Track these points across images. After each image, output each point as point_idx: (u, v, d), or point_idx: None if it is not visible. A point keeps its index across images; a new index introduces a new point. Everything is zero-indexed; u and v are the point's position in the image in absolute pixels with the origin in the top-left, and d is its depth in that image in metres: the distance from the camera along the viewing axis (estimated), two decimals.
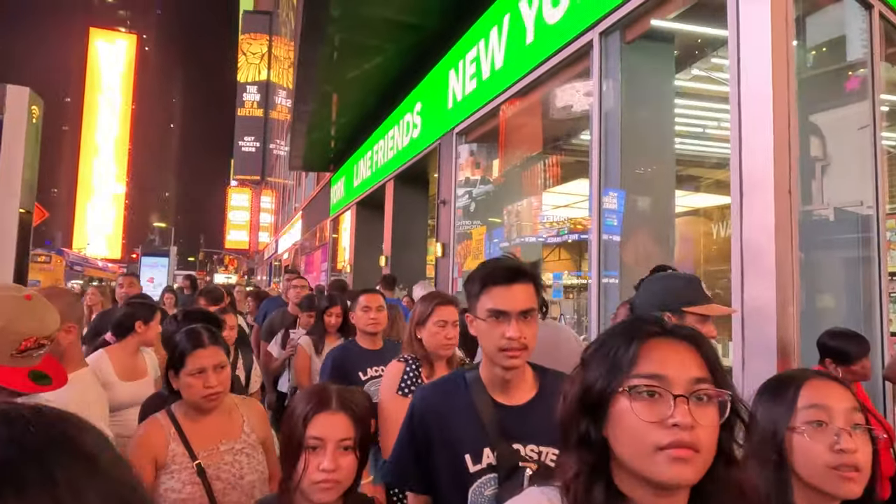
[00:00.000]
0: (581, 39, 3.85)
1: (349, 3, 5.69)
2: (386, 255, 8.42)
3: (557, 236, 7.02)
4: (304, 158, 12.66)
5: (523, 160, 6.28)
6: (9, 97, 2.96)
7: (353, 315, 2.83)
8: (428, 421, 1.39)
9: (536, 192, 6.22)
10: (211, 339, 1.72)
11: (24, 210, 3.04)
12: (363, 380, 2.69)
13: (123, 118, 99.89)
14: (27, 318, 1.16)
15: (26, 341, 1.14)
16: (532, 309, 1.32)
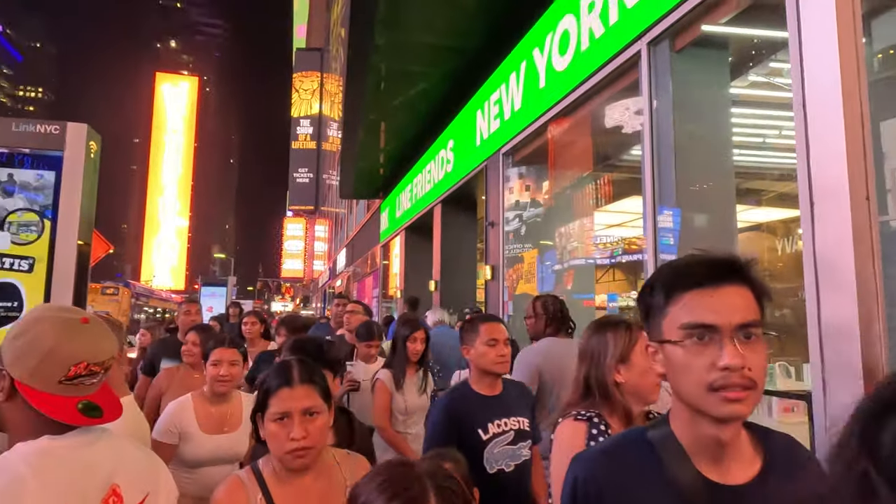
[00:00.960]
0: (628, 51, 3.73)
1: (393, 31, 5.76)
2: (435, 279, 8.36)
3: (612, 257, 6.78)
4: (353, 187, 12.88)
5: (573, 180, 6.13)
6: (69, 134, 3.09)
7: (469, 351, 2.20)
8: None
9: (588, 212, 6.05)
10: (304, 375, 1.39)
11: (83, 242, 3.14)
12: (485, 439, 2.09)
13: (186, 156, 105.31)
14: (79, 341, 1.08)
15: (76, 367, 1.06)
16: (755, 323, 0.87)
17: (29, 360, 1.06)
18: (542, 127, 5.22)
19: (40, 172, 3.06)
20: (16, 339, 1.08)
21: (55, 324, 1.10)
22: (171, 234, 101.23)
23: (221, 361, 2.37)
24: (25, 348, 1.06)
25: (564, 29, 4.52)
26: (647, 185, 3.54)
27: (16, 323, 1.13)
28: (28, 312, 1.16)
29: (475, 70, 6.42)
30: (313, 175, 41.31)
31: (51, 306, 1.18)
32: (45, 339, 1.07)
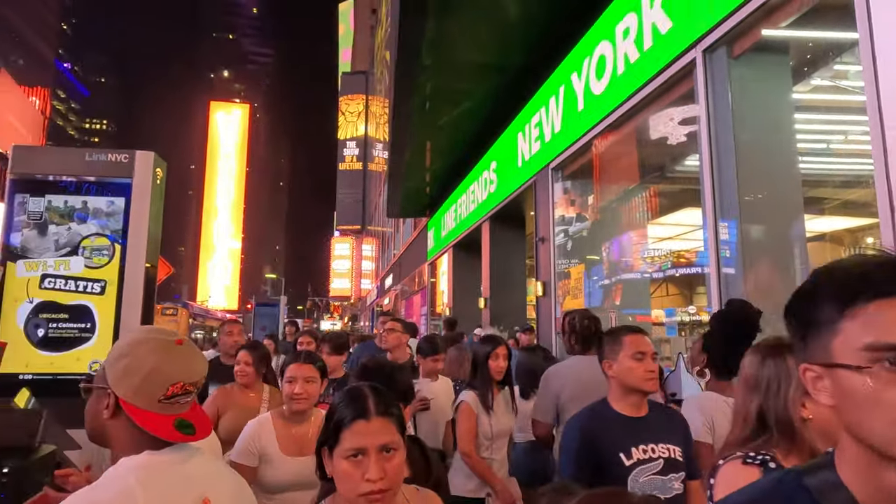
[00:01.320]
0: (682, 59, 3.65)
1: (439, 50, 5.83)
2: (485, 296, 8.32)
3: (660, 271, 6.62)
4: (400, 206, 13.02)
5: (621, 193, 6.02)
6: (137, 161, 3.24)
7: (611, 366, 2.02)
8: None
9: (636, 225, 5.92)
10: (380, 406, 1.21)
11: (150, 264, 3.26)
12: (627, 465, 1.87)
13: (239, 180, 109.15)
14: (176, 362, 1.14)
15: (173, 386, 1.12)
16: None
17: (132, 379, 1.11)
18: (591, 140, 5.16)
19: (111, 199, 3.21)
20: (119, 360, 1.14)
21: (155, 346, 1.15)
22: (225, 255, 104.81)
23: (296, 378, 2.24)
24: (128, 369, 1.12)
25: (614, 42, 4.47)
26: (707, 195, 3.43)
27: (117, 344, 1.18)
28: (127, 335, 1.21)
29: (520, 86, 6.42)
30: (360, 195, 42.06)
31: (149, 329, 1.23)
32: (146, 361, 1.13)
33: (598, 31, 4.75)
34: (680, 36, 3.63)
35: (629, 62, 4.22)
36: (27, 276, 3.09)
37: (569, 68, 5.31)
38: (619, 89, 4.45)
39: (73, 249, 3.14)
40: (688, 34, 3.56)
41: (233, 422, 2.63)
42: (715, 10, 3.29)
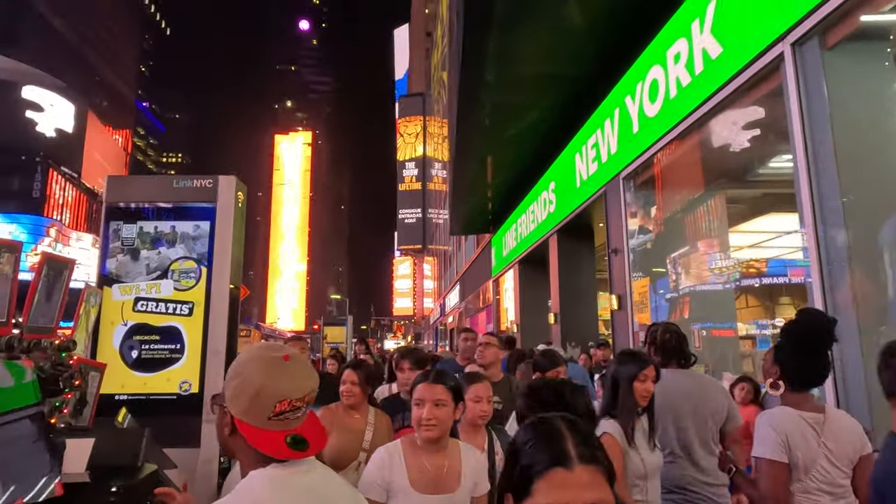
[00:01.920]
0: (767, 55, 3.45)
1: (503, 64, 5.80)
2: (555, 311, 8.13)
3: (735, 282, 6.26)
4: (463, 222, 13.02)
5: (692, 201, 5.76)
6: (220, 186, 3.34)
7: None
8: None
9: (711, 234, 5.63)
10: (585, 450, 0.87)
11: (233, 286, 3.34)
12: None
13: (303, 205, 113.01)
14: (283, 379, 1.13)
15: (280, 404, 1.11)
16: None
17: (242, 399, 1.12)
18: (664, 146, 4.96)
19: (197, 223, 3.33)
20: (231, 379, 1.16)
21: (261, 364, 1.15)
22: (292, 278, 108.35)
23: (424, 401, 1.94)
24: (239, 388, 1.13)
25: (691, 42, 4.28)
26: (805, 200, 3.18)
27: (232, 364, 1.20)
28: (241, 353, 1.22)
29: (587, 95, 6.29)
30: (420, 215, 42.53)
31: (260, 346, 1.22)
32: (254, 379, 1.13)
33: (669, 32, 4.59)
34: (764, 30, 3.43)
35: (708, 58, 4.03)
36: (122, 299, 3.22)
37: (638, 74, 5.15)
38: (696, 91, 4.26)
39: (162, 273, 3.26)
40: (773, 27, 3.36)
41: (337, 443, 2.53)
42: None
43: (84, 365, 2.21)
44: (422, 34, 56.05)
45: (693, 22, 4.24)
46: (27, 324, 1.93)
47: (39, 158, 44.43)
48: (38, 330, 1.98)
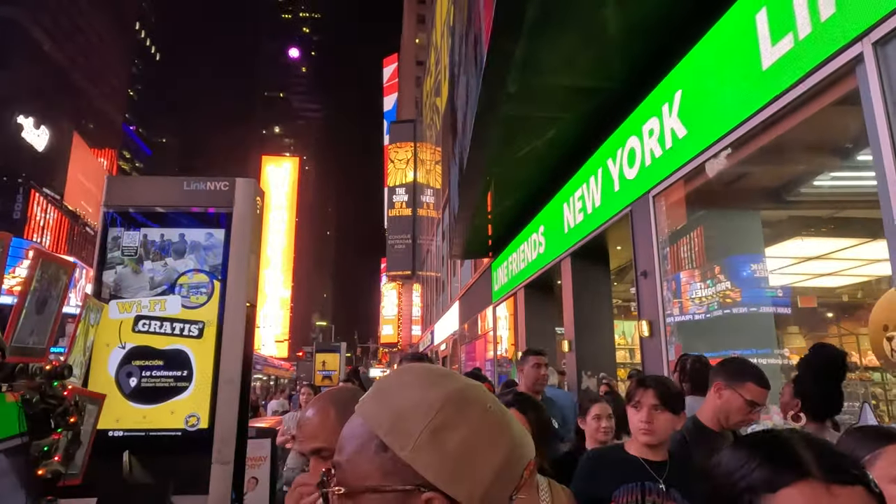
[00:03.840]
0: (841, 56, 3.15)
1: (527, 75, 5.50)
2: (569, 339, 7.71)
3: (706, 313, 5.95)
4: (465, 246, 12.63)
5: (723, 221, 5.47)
6: (237, 189, 2.93)
7: None
8: None
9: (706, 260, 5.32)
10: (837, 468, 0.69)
11: (250, 304, 2.91)
12: None
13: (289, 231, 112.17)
14: (518, 429, 0.69)
15: (527, 471, 0.69)
16: None
17: (481, 471, 0.64)
18: (703, 163, 4.65)
19: (210, 231, 2.90)
20: (439, 433, 0.64)
21: (483, 405, 0.68)
22: (276, 304, 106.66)
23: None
24: (471, 451, 0.64)
25: (756, 41, 3.99)
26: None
27: (404, 404, 0.67)
28: (409, 381, 0.71)
29: (612, 111, 6.01)
30: (410, 241, 42.15)
31: (443, 372, 0.72)
32: (494, 434, 0.66)
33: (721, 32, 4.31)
34: (840, 28, 3.15)
35: (759, 67, 3.73)
36: (120, 318, 2.76)
37: (668, 88, 4.87)
38: (740, 105, 3.96)
39: (169, 288, 2.81)
40: (852, 25, 3.07)
41: None
42: None
43: (80, 396, 1.76)
44: (412, 62, 56.60)
45: None
46: (11, 343, 1.49)
47: (21, 179, 43.56)
48: (27, 351, 1.53)
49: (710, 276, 5.30)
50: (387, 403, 0.68)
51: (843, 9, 3.14)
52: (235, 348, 2.77)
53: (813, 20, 3.35)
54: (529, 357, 3.74)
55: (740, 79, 4.02)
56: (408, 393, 0.68)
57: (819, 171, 4.93)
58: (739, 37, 4.03)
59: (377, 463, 0.65)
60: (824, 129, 4.10)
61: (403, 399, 0.67)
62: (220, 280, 2.84)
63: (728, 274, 5.31)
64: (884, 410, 6.75)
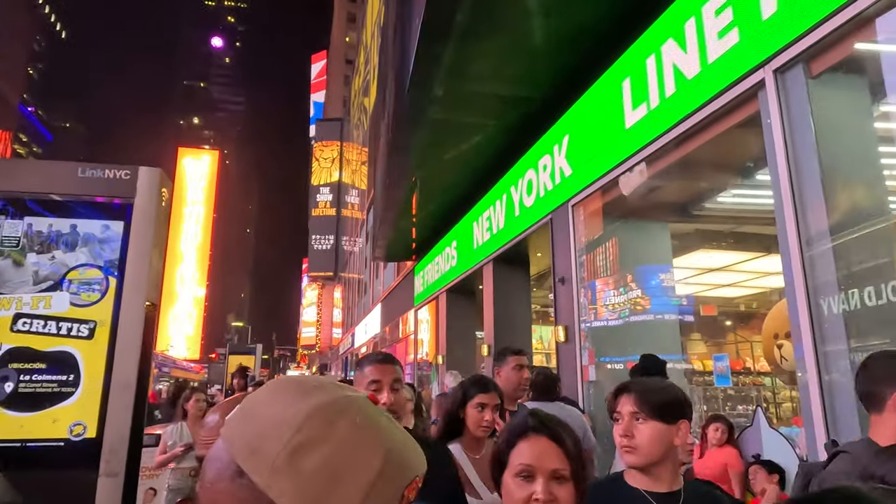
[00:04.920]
0: (748, 80, 3.36)
1: (454, 81, 5.51)
2: (488, 343, 7.80)
3: (619, 319, 6.30)
4: (388, 248, 12.52)
5: (636, 233, 5.71)
6: (140, 179, 2.72)
7: None
8: None
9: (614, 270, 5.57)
10: None
11: (150, 303, 2.70)
12: None
13: (205, 227, 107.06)
14: (404, 441, 0.62)
15: (409, 488, 0.60)
16: None
17: (346, 494, 0.56)
18: (620, 175, 4.83)
19: (106, 223, 2.66)
20: (302, 453, 0.56)
21: (360, 415, 0.61)
22: (189, 303, 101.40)
23: None
24: (334, 471, 0.56)
25: (662, 63, 4.18)
26: (791, 237, 3.05)
27: (267, 420, 0.59)
28: (279, 397, 0.62)
29: (537, 120, 6.13)
30: (333, 241, 41.39)
31: (318, 382, 0.64)
32: (363, 452, 0.58)
33: (638, 50, 4.49)
34: (746, 54, 3.35)
35: (684, 82, 3.92)
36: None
37: (597, 96, 5.04)
38: (663, 116, 4.15)
39: (55, 283, 2.56)
40: (756, 51, 3.28)
41: None
42: (793, 24, 3.02)
43: None
44: (341, 61, 55.79)
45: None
46: None
47: None
48: None
49: (623, 283, 5.51)
50: (249, 422, 0.60)
51: (734, 51, 3.35)
52: (132, 351, 2.56)
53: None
54: (509, 357, 3.19)
55: (661, 91, 4.22)
56: (271, 410, 0.60)
57: (722, 189, 5.24)
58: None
59: (232, 491, 0.57)
60: (727, 150, 4.37)
61: (266, 417, 0.59)
62: (117, 276, 2.62)
63: (639, 282, 5.54)
64: (773, 412, 7.28)
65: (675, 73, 4.00)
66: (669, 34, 4.05)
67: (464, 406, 2.40)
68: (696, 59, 3.77)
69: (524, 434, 1.31)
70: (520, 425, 1.34)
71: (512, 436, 1.32)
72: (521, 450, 1.28)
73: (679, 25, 3.94)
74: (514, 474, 1.27)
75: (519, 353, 3.23)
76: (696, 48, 3.78)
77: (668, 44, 4.06)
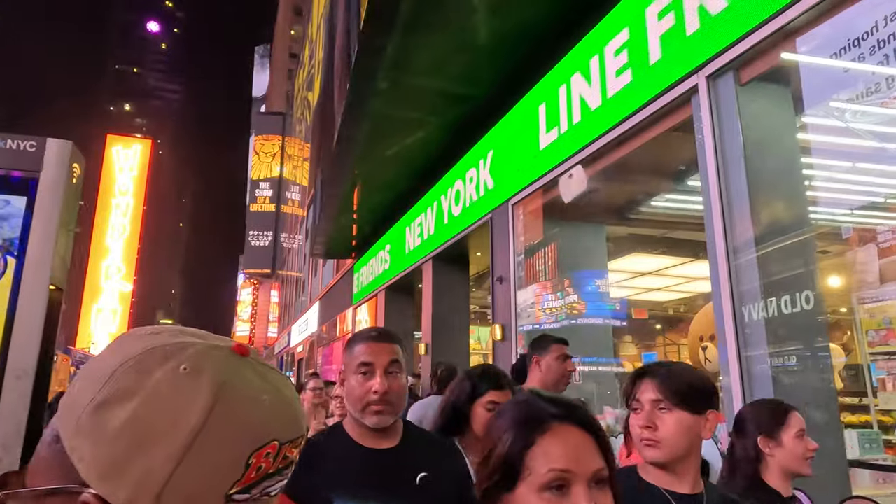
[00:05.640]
0: (682, 85, 3.46)
1: (398, 74, 5.44)
2: (426, 342, 7.74)
3: (556, 322, 6.44)
4: (327, 245, 12.26)
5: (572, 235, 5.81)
6: (48, 152, 2.49)
7: None
8: None
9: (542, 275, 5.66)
10: None
11: (55, 287, 2.48)
12: None
13: (134, 219, 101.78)
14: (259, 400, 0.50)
15: (259, 455, 0.48)
16: None
17: (153, 460, 0.45)
18: (559, 176, 4.89)
19: (6, 198, 2.43)
20: (104, 409, 0.47)
21: (195, 365, 0.49)
22: (114, 298, 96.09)
23: None
24: (140, 433, 0.46)
25: (588, 74, 4.25)
26: (719, 243, 3.15)
27: (91, 367, 0.51)
28: (116, 345, 0.53)
29: (479, 119, 6.14)
30: (271, 238, 40.28)
31: (160, 330, 0.54)
32: (184, 405, 0.47)
33: (583, 50, 4.55)
34: (680, 60, 3.45)
35: (622, 87, 4.00)
36: None
37: (538, 98, 5.09)
38: (600, 118, 4.22)
39: None
40: (689, 58, 3.38)
41: None
42: (724, 32, 3.13)
43: None
44: (285, 54, 54.47)
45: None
46: None
47: None
48: None
49: (560, 288, 5.58)
50: (78, 378, 0.51)
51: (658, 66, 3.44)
52: (31, 338, 2.34)
53: None
54: (551, 345, 2.83)
55: (603, 94, 4.29)
56: (96, 363, 0.51)
57: (656, 193, 5.40)
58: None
59: (46, 457, 0.49)
60: (662, 155, 4.51)
61: (89, 370, 0.50)
62: (16, 257, 2.39)
63: (576, 287, 5.63)
64: None
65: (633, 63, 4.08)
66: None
67: (471, 402, 2.13)
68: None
69: (545, 424, 0.89)
70: (536, 413, 0.91)
71: (527, 430, 0.89)
72: (547, 449, 0.87)
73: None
74: (539, 487, 0.85)
75: (562, 341, 2.93)
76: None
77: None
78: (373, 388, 1.53)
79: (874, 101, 2.66)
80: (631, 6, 3.91)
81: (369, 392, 1.54)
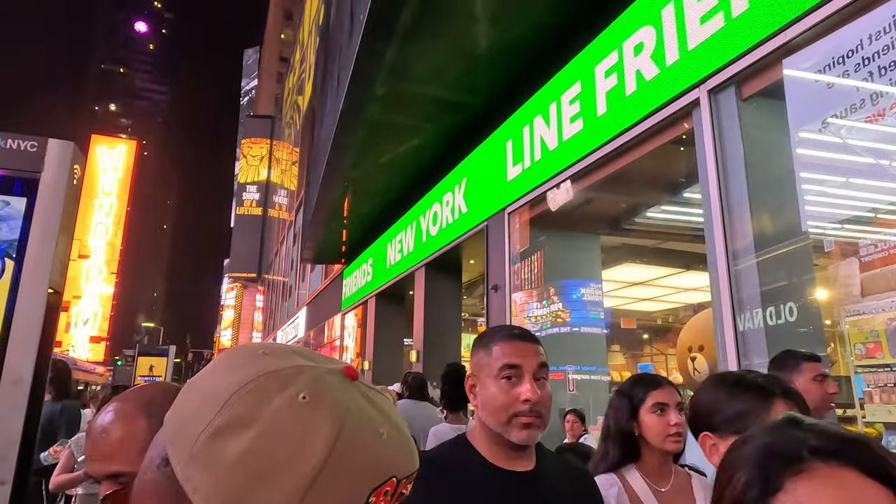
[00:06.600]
0: (684, 97, 3.50)
1: (396, 80, 5.44)
2: (417, 349, 7.71)
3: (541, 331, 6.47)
4: (317, 251, 12.20)
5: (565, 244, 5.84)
6: (49, 152, 2.45)
7: None
8: None
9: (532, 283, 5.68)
10: None
11: (53, 290, 2.43)
12: None
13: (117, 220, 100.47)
14: (376, 435, 0.47)
15: (378, 494, 0.46)
16: None
17: (273, 492, 0.43)
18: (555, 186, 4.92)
19: (6, 198, 2.38)
20: (221, 437, 0.44)
21: (316, 394, 0.47)
22: (95, 301, 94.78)
23: None
24: (259, 463, 0.43)
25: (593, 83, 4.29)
26: (720, 253, 3.18)
27: (197, 392, 0.49)
28: (222, 365, 0.50)
29: (475, 127, 6.16)
30: (258, 242, 39.98)
31: (274, 353, 0.50)
32: (304, 436, 0.44)
33: (575, 68, 4.59)
34: (684, 70, 3.49)
35: (622, 99, 4.03)
36: None
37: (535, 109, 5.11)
38: (596, 132, 4.25)
39: None
40: (691, 72, 3.42)
41: None
42: (726, 47, 3.17)
43: None
44: (275, 57, 54.30)
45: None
46: None
47: None
48: None
49: (546, 296, 5.59)
50: (185, 399, 0.49)
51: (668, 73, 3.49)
52: (28, 342, 2.28)
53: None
54: (803, 364, 2.32)
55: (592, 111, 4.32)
56: (208, 383, 0.49)
57: (652, 204, 5.45)
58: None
59: (156, 481, 0.47)
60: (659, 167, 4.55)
61: (200, 391, 0.48)
62: (15, 259, 2.34)
63: (568, 295, 5.65)
64: None
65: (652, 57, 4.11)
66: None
67: (635, 416, 1.84)
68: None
69: (801, 465, 0.58)
70: (789, 446, 0.61)
71: (773, 470, 0.59)
72: (802, 500, 0.56)
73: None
74: None
75: (814, 358, 2.37)
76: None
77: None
78: (522, 395, 1.26)
79: (859, 116, 2.71)
80: (617, 33, 3.95)
81: (517, 401, 1.26)
